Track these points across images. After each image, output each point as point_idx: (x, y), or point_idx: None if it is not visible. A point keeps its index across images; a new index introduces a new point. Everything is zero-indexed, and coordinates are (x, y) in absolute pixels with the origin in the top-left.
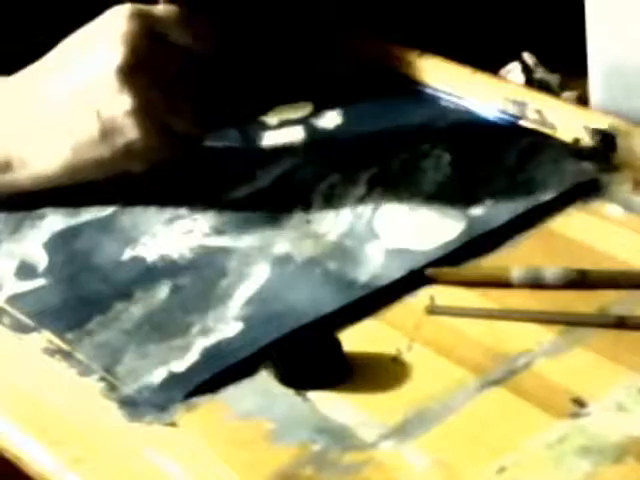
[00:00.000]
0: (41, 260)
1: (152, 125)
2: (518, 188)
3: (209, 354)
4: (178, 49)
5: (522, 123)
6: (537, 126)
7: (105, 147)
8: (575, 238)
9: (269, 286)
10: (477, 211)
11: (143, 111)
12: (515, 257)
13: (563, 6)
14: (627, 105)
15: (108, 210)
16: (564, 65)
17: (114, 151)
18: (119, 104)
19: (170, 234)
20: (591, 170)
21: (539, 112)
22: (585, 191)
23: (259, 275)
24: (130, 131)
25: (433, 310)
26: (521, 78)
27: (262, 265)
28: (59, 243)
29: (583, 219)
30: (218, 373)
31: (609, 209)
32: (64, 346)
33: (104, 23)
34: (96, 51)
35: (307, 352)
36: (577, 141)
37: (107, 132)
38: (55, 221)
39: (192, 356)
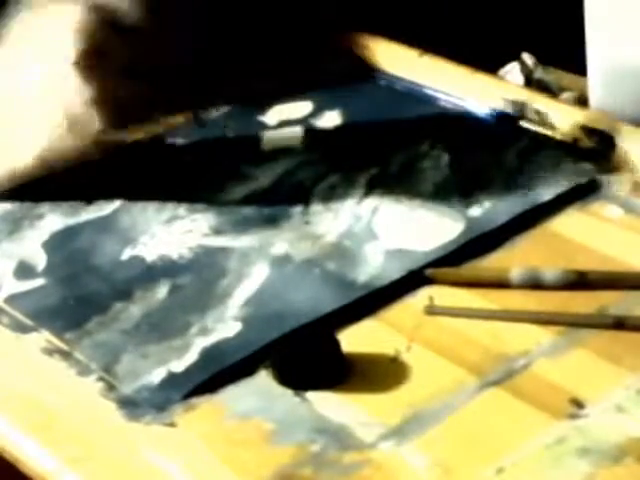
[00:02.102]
0: (40, 260)
1: (113, 113)
2: (517, 189)
3: (208, 354)
4: (138, 37)
5: (522, 123)
6: (537, 126)
7: (73, 137)
8: (574, 239)
9: (268, 286)
10: (476, 212)
11: (103, 100)
12: (514, 258)
13: (563, 6)
14: (626, 105)
15: (107, 210)
16: (564, 65)
17: (81, 140)
18: (80, 95)
19: (169, 234)
20: (590, 171)
21: (539, 112)
22: (584, 192)
23: (258, 275)
24: (93, 120)
25: (431, 311)
26: (520, 78)
27: (261, 265)
28: (58, 243)
29: (582, 220)
30: (217, 373)
31: (608, 210)
32: (63, 346)
33: (57, 15)
34: (52, 43)
35: (306, 352)
36: (576, 141)
37: (72, 123)
38: (54, 221)
39: (191, 356)
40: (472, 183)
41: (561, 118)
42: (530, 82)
